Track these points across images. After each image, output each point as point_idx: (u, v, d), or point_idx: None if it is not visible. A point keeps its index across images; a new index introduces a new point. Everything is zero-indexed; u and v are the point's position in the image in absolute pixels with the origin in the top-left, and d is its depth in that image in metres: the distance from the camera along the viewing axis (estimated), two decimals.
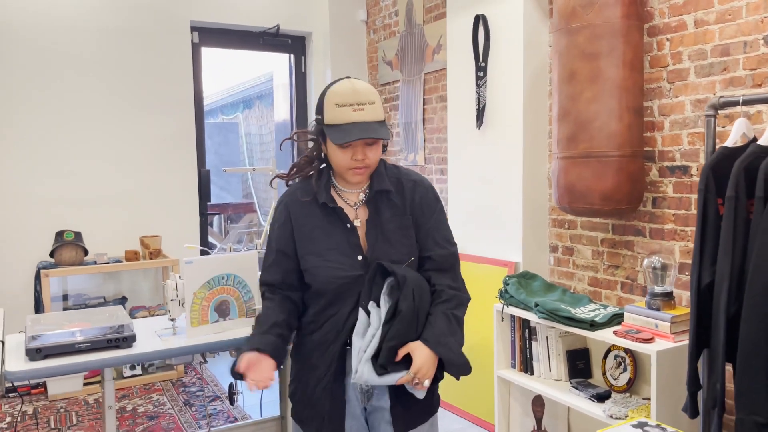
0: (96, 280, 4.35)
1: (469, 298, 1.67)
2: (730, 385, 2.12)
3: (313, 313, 1.64)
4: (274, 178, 1.81)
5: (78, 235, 3.98)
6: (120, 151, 4.37)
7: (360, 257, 1.58)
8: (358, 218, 1.63)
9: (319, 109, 1.57)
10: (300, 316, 1.68)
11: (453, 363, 1.54)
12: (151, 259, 4.17)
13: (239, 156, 8.02)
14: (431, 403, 1.68)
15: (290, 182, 1.71)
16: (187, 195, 4.60)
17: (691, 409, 2.00)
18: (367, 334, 1.54)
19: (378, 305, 1.55)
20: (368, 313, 1.56)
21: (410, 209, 1.64)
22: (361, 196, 1.64)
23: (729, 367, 2.01)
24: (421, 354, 1.51)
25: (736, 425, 1.80)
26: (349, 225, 1.60)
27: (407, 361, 1.53)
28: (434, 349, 1.51)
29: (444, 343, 1.53)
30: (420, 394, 1.58)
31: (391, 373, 1.53)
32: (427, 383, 1.51)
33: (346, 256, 1.57)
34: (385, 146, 1.64)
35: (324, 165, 1.66)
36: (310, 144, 1.66)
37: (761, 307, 1.69)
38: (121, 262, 4.12)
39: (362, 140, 1.52)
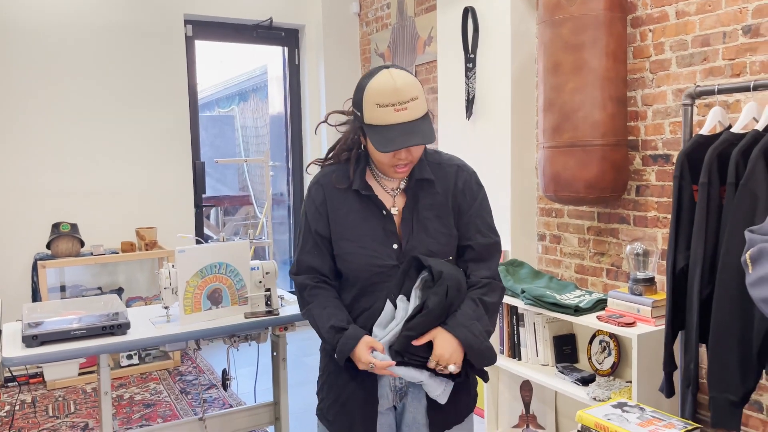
0: (93, 271, 4.40)
1: (503, 287, 1.57)
2: (704, 366, 2.18)
3: (345, 305, 1.54)
4: (310, 164, 1.67)
5: (74, 227, 4.03)
6: (115, 144, 4.42)
7: (395, 246, 1.49)
8: (395, 206, 1.53)
9: (358, 104, 1.45)
10: None
11: (473, 347, 1.43)
12: (147, 250, 4.23)
13: (235, 149, 8.07)
14: (468, 401, 1.62)
15: (326, 165, 1.60)
16: (182, 187, 4.65)
17: (667, 389, 2.06)
18: (389, 326, 1.46)
19: (408, 299, 1.46)
20: (395, 306, 1.47)
21: (452, 195, 1.54)
22: (402, 184, 1.54)
23: (703, 348, 2.07)
24: (441, 339, 1.41)
25: (709, 403, 1.87)
26: (385, 212, 1.51)
27: (429, 350, 1.43)
28: (453, 331, 1.41)
29: (466, 325, 1.43)
30: (442, 399, 1.49)
31: (410, 366, 1.44)
32: (452, 368, 1.41)
33: (381, 244, 1.49)
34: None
35: (362, 150, 1.55)
36: (344, 127, 1.56)
37: (732, 290, 1.75)
38: (117, 253, 4.18)
39: None
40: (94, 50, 4.32)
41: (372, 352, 1.44)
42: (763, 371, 1.80)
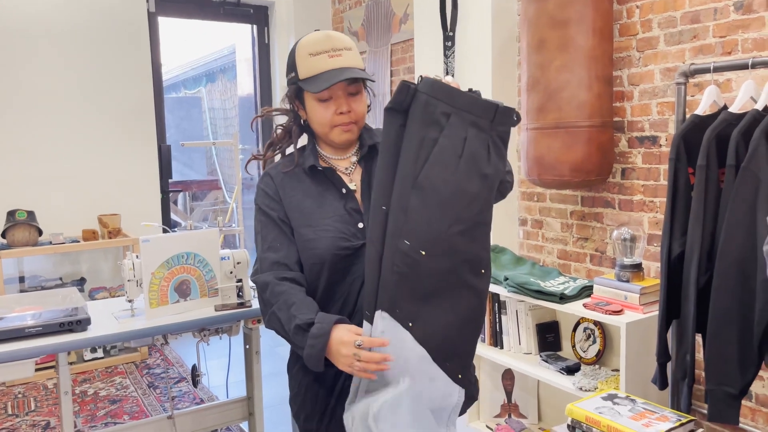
0: (53, 261, 4.19)
1: None
2: (699, 357, 2.12)
3: (317, 298, 1.38)
4: (250, 160, 1.54)
5: (31, 215, 3.81)
6: (74, 127, 4.18)
7: (361, 225, 1.38)
8: (353, 182, 1.43)
9: (291, 66, 1.39)
10: None
11: None
12: (110, 238, 4.03)
13: (203, 131, 7.81)
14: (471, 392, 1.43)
15: (269, 163, 1.50)
16: (147, 171, 4.44)
17: (661, 381, 1.99)
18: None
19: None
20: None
21: None
22: (353, 158, 1.45)
23: (699, 339, 1.99)
24: None
25: (706, 395, 1.80)
26: (344, 190, 1.40)
27: None
28: None
29: None
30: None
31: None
32: None
33: (346, 224, 1.37)
34: (368, 106, 1.46)
35: (305, 136, 1.48)
36: (283, 119, 1.49)
37: (732, 278, 1.67)
38: (79, 242, 3.97)
39: (345, 91, 1.36)
40: (50, 28, 4.06)
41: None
42: (763, 362, 1.74)
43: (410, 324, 1.22)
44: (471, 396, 1.41)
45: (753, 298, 1.65)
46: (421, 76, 1.22)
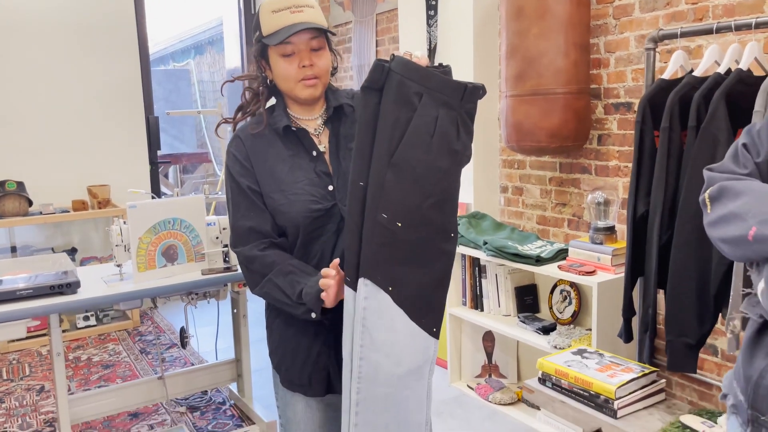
0: (44, 231, 4.24)
1: None
2: (662, 312, 2.21)
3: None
4: (220, 123, 1.59)
5: (21, 185, 3.85)
6: (61, 98, 4.20)
7: (331, 187, 1.43)
8: (322, 143, 1.47)
9: (256, 25, 1.43)
10: None
11: None
12: (100, 208, 4.08)
13: (192, 104, 7.80)
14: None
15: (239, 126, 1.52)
16: (135, 143, 4.47)
17: (626, 335, 2.08)
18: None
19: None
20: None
21: None
22: (319, 120, 1.49)
23: (661, 295, 2.08)
24: None
25: (666, 347, 1.89)
26: (315, 152, 1.45)
27: None
28: None
29: None
30: None
31: None
32: (418, 53, 1.32)
33: (316, 187, 1.42)
34: (335, 68, 1.50)
35: (274, 99, 1.51)
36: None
37: (690, 234, 1.75)
38: (69, 212, 4.02)
39: (308, 46, 1.40)
40: (37, 1, 4.06)
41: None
42: (719, 314, 1.83)
43: (390, 288, 1.31)
44: None
45: (710, 253, 1.73)
46: (393, 54, 1.28)
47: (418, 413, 1.38)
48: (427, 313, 1.35)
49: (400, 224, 1.28)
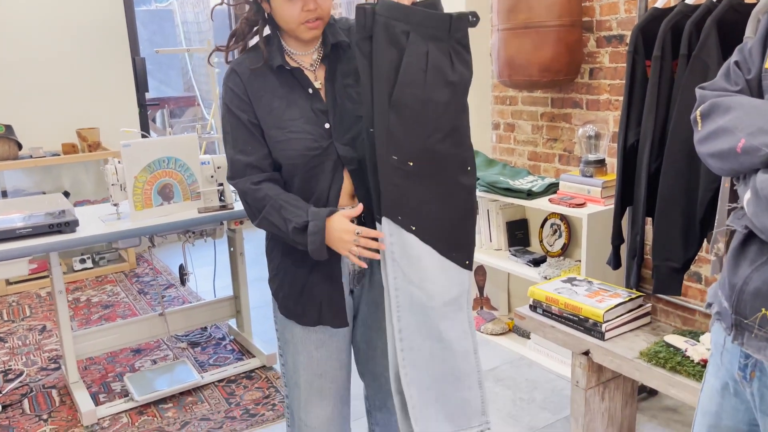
0: (35, 175, 4.22)
1: None
2: (649, 242, 2.27)
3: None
4: (213, 51, 1.55)
5: (9, 129, 3.81)
6: (47, 40, 4.10)
7: (327, 125, 1.42)
8: (318, 80, 1.45)
9: None
10: None
11: None
12: (90, 152, 4.06)
13: (176, 45, 7.62)
14: None
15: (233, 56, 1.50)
16: (123, 85, 4.41)
17: (614, 261, 2.15)
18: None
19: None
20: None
21: None
22: (315, 56, 1.45)
23: (649, 224, 2.14)
24: None
25: (653, 271, 1.96)
26: (311, 90, 1.42)
27: None
28: None
29: None
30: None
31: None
32: None
33: (313, 125, 1.41)
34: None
35: (268, 28, 1.47)
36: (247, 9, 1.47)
37: (679, 160, 1.79)
38: (59, 155, 4.00)
39: None
40: None
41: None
42: (704, 240, 1.89)
43: (413, 228, 1.35)
44: None
45: (697, 180, 1.78)
46: None
47: (464, 340, 1.44)
48: (456, 247, 1.40)
49: (412, 163, 1.31)
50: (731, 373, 1.10)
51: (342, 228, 1.37)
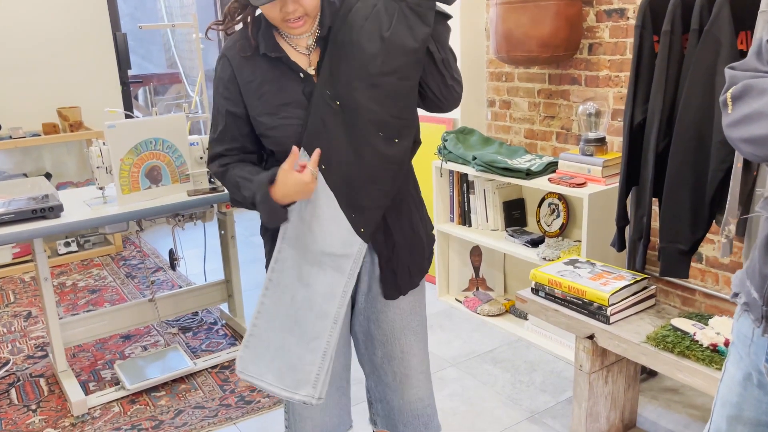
0: (14, 157, 4.09)
1: None
2: (655, 225, 2.23)
3: None
4: (209, 27, 1.47)
5: None
6: (25, 17, 3.94)
7: None
8: (312, 65, 1.37)
9: None
10: None
11: None
12: (72, 131, 3.93)
13: (158, 21, 7.40)
14: (422, 264, 1.52)
15: (229, 32, 1.42)
16: (104, 62, 4.26)
17: (619, 243, 2.11)
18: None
19: None
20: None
21: None
22: (310, 40, 1.37)
23: (654, 204, 2.10)
24: None
25: (659, 253, 1.92)
26: (302, 74, 1.35)
27: None
28: None
29: None
30: None
31: None
32: None
33: (305, 110, 1.35)
34: None
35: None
36: None
37: (688, 141, 1.74)
38: (40, 135, 3.87)
39: None
40: None
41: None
42: (713, 221, 1.85)
43: (323, 167, 1.34)
44: (422, 269, 1.53)
45: (707, 160, 1.73)
46: None
47: (327, 302, 1.40)
48: (356, 208, 1.37)
49: (338, 103, 1.32)
50: (756, 364, 1.06)
51: (293, 181, 1.30)
